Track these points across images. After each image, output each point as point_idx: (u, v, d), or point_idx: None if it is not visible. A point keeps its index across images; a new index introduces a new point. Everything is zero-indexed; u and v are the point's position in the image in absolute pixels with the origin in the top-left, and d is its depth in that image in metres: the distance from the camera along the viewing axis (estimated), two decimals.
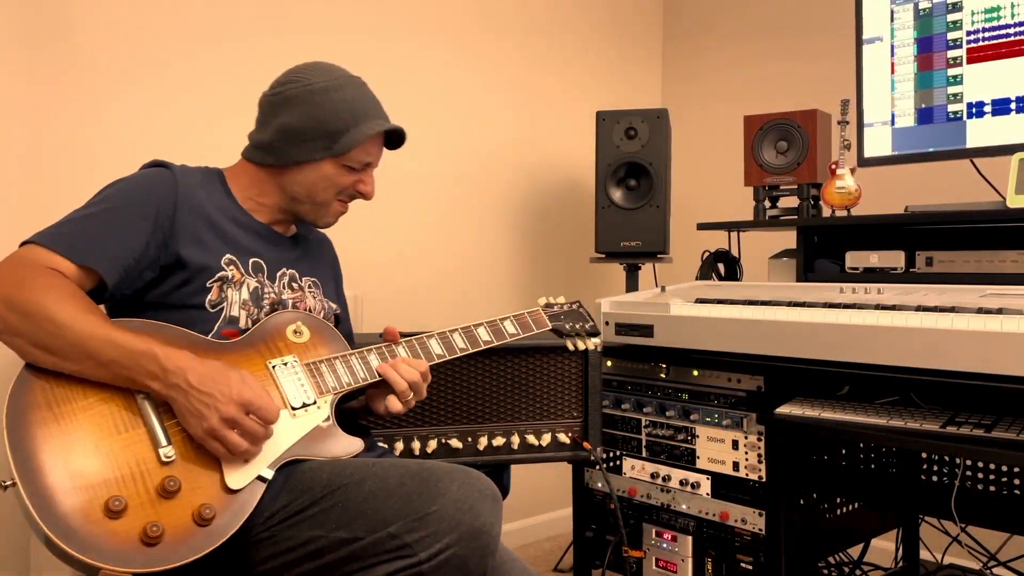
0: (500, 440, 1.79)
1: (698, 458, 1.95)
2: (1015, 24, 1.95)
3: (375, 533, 1.23)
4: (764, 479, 1.84)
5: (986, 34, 2.00)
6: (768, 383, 1.84)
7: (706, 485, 1.93)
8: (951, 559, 2.32)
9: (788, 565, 1.83)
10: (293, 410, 1.36)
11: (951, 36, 2.06)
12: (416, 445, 1.75)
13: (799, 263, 2.21)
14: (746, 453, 1.86)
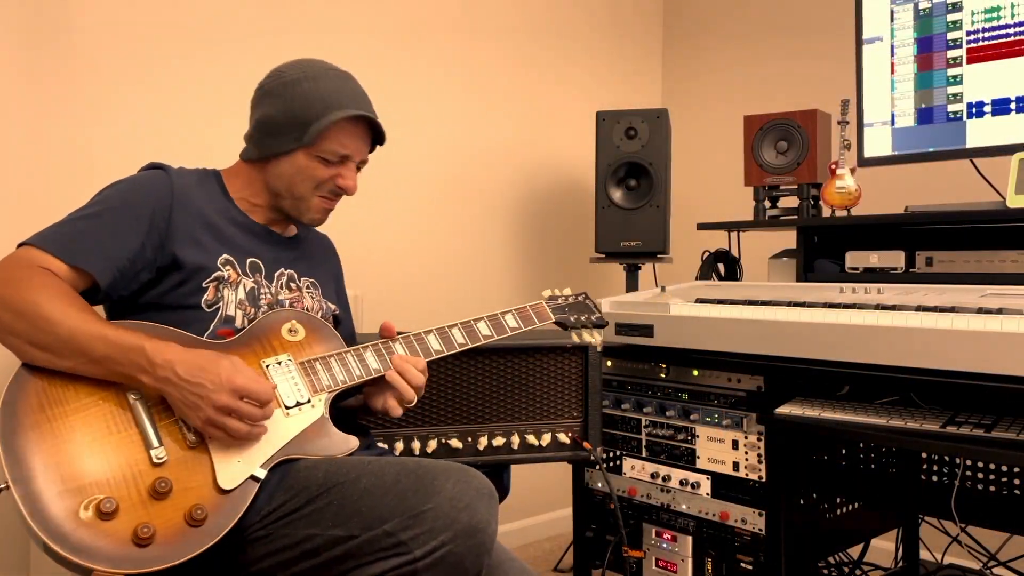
0: (500, 440, 1.79)
1: (698, 458, 1.95)
2: (1015, 24, 1.95)
3: (370, 531, 1.23)
4: (764, 479, 1.84)
5: (986, 34, 2.00)
6: (768, 383, 1.84)
7: (706, 485, 1.93)
8: (951, 559, 2.32)
9: (788, 565, 1.83)
10: (287, 409, 1.36)
11: (951, 36, 2.06)
12: (416, 445, 1.75)
13: (799, 263, 2.21)
14: (746, 453, 1.86)
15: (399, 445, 1.74)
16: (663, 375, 2.02)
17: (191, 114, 2.21)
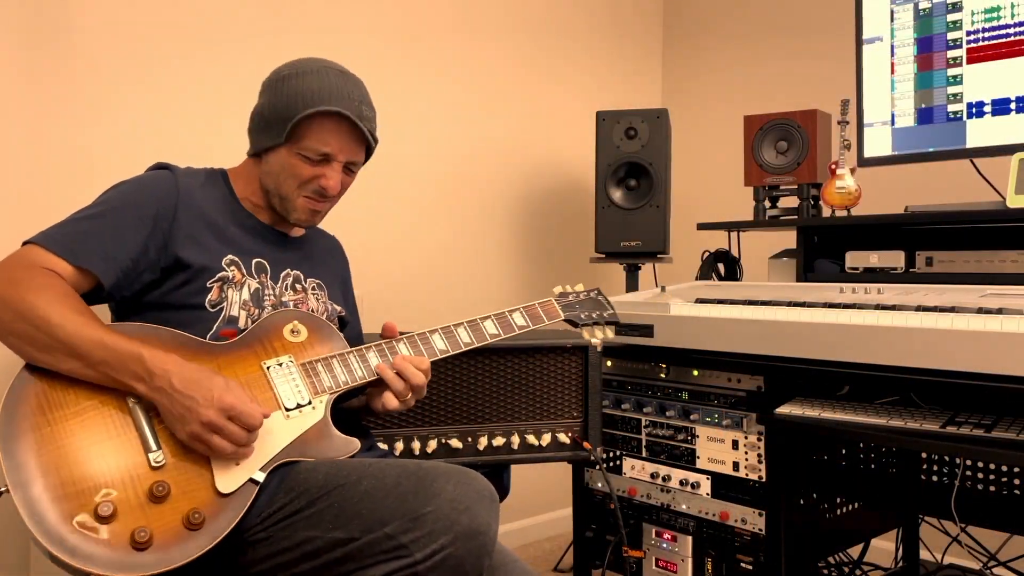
0: (500, 440, 1.79)
1: (698, 458, 1.95)
2: (1015, 24, 1.95)
3: (371, 533, 1.22)
4: (764, 479, 1.84)
5: (986, 34, 2.00)
6: (768, 383, 1.84)
7: (706, 485, 1.93)
8: (951, 559, 2.32)
9: (788, 565, 1.83)
10: (287, 411, 1.35)
11: (951, 36, 2.06)
12: (416, 445, 1.75)
13: (799, 263, 2.21)
14: (746, 453, 1.86)
15: (399, 445, 1.74)
16: (663, 375, 2.02)
17: (191, 114, 2.21)
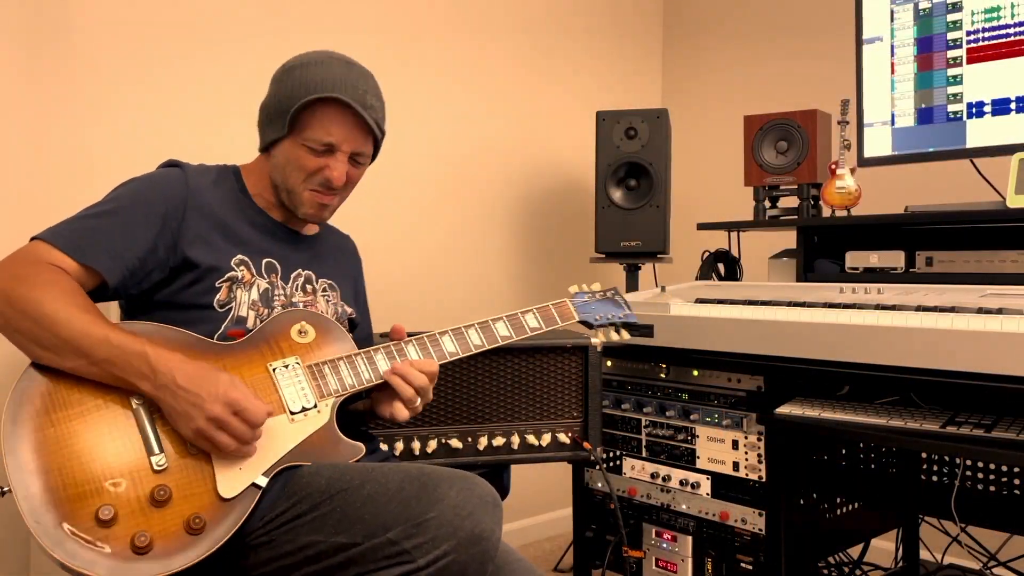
0: (500, 440, 1.79)
1: (698, 458, 1.95)
2: (1015, 24, 1.95)
3: (374, 539, 1.21)
4: (764, 479, 1.84)
5: (986, 34, 2.00)
6: (768, 383, 1.84)
7: (706, 485, 1.93)
8: (951, 559, 2.32)
9: (788, 565, 1.83)
10: (291, 414, 1.34)
11: (951, 36, 2.06)
12: (416, 445, 1.75)
13: (799, 263, 2.21)
14: (746, 453, 1.86)
15: (399, 445, 1.74)
16: (663, 375, 2.02)
17: (191, 114, 2.21)
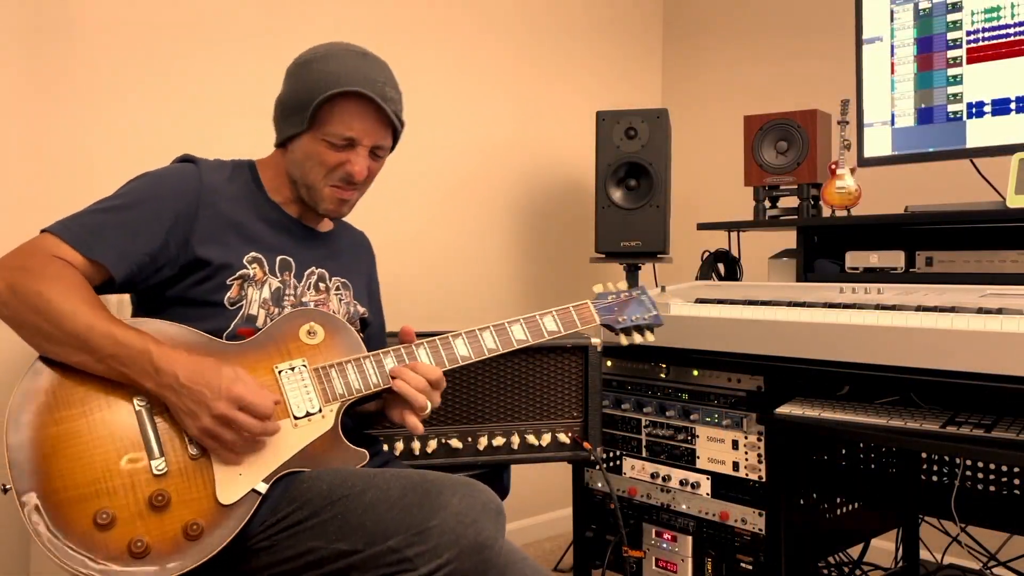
0: (500, 440, 1.79)
1: (698, 458, 1.95)
2: (1015, 24, 1.95)
3: (375, 546, 1.20)
4: (764, 479, 1.84)
5: (986, 34, 2.00)
6: (768, 383, 1.84)
7: (706, 485, 1.93)
8: (951, 559, 2.32)
9: (788, 565, 1.83)
10: (295, 419, 1.33)
11: (951, 36, 2.06)
12: (416, 445, 1.75)
13: (799, 263, 2.21)
14: (746, 453, 1.86)
15: (399, 445, 1.74)
16: (663, 375, 2.02)
17: (191, 114, 2.21)
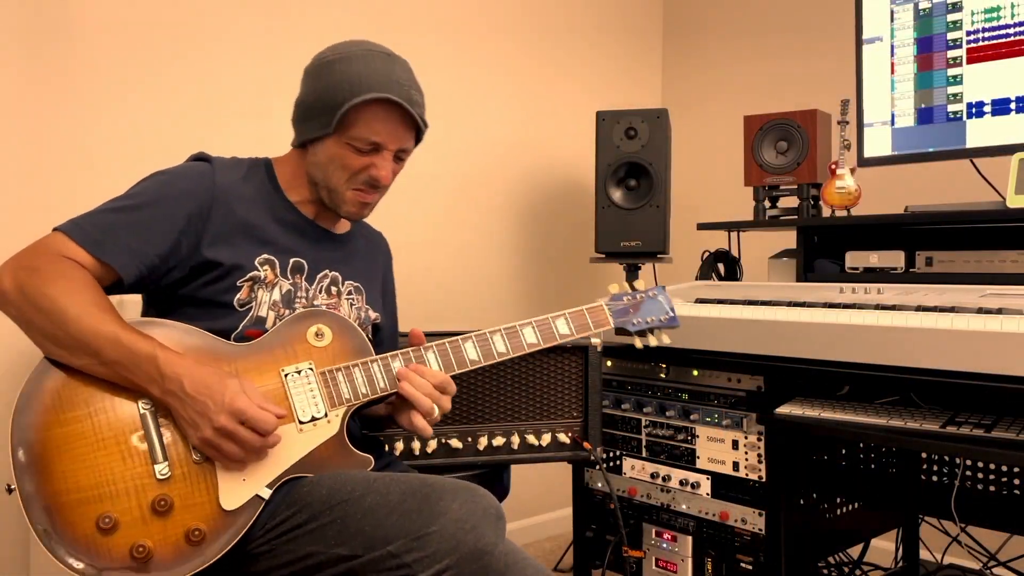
0: (500, 440, 1.79)
1: (698, 458, 1.95)
2: (1015, 24, 1.95)
3: (374, 551, 1.20)
4: (764, 479, 1.84)
5: (986, 34, 2.00)
6: (768, 383, 1.84)
7: (706, 485, 1.93)
8: (951, 559, 2.32)
9: (788, 565, 1.83)
10: (300, 424, 1.32)
11: (951, 36, 2.06)
12: (416, 445, 1.75)
13: (799, 263, 2.21)
14: (746, 453, 1.86)
15: (399, 445, 1.74)
16: (663, 375, 2.02)
17: (192, 114, 2.21)
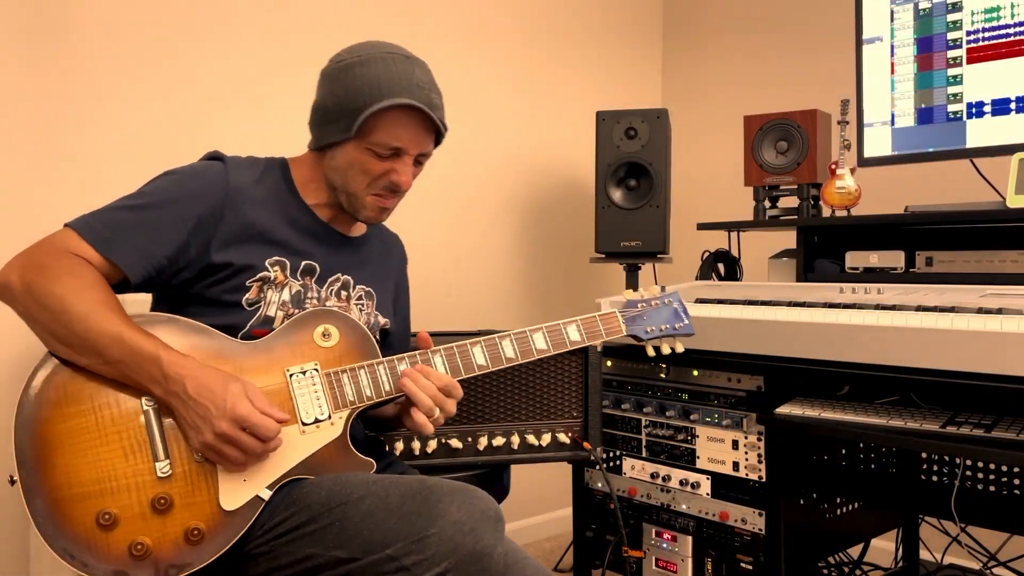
0: (500, 440, 1.79)
1: (698, 458, 1.95)
2: (1015, 24, 1.95)
3: (373, 554, 1.19)
4: (764, 479, 1.84)
5: (986, 34, 2.00)
6: (768, 383, 1.84)
7: (706, 485, 1.93)
8: (951, 559, 2.32)
9: (788, 565, 1.83)
10: (303, 425, 1.31)
11: (951, 36, 2.06)
12: (416, 445, 1.75)
13: (799, 263, 2.21)
14: (746, 453, 1.86)
15: (399, 445, 1.74)
16: (663, 375, 2.02)
17: (192, 114, 2.21)
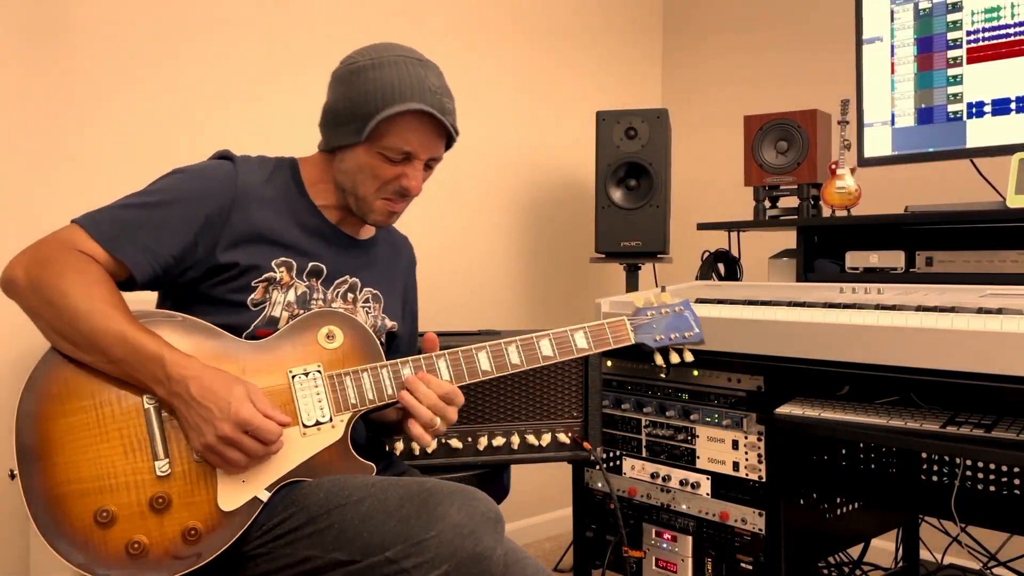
0: (500, 440, 1.79)
1: (698, 458, 1.95)
2: (1015, 24, 1.95)
3: (372, 557, 1.18)
4: (764, 479, 1.84)
5: (986, 34, 2.00)
6: (768, 383, 1.84)
7: (706, 485, 1.93)
8: (951, 559, 2.32)
9: (788, 565, 1.83)
10: (304, 427, 1.31)
11: (951, 36, 2.06)
12: (416, 445, 1.75)
13: (799, 263, 2.21)
14: (746, 453, 1.86)
15: (399, 445, 1.74)
16: (663, 375, 2.02)
17: (192, 114, 2.21)
